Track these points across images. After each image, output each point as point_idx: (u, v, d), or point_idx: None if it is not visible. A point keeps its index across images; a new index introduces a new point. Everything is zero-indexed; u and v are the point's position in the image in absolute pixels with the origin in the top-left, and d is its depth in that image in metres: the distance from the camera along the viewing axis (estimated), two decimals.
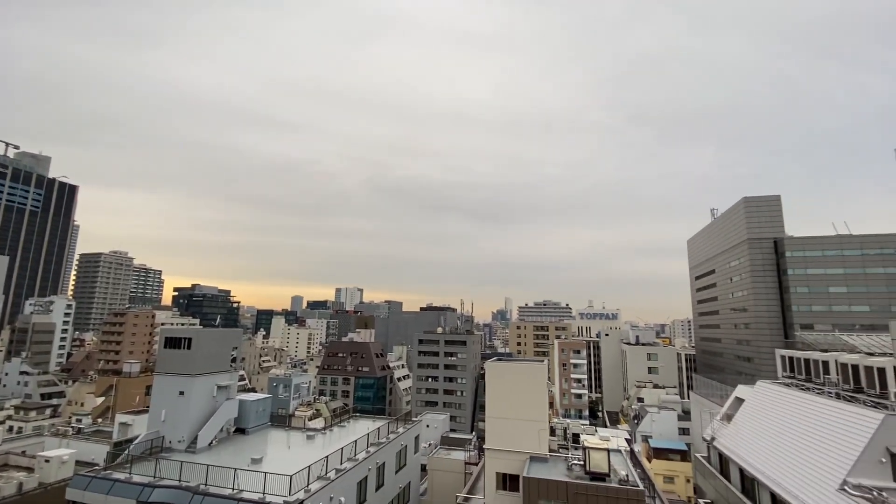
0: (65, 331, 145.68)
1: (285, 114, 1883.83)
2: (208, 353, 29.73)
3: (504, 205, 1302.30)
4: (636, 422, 70.14)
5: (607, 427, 78.21)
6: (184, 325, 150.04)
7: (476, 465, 36.99)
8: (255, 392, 55.96)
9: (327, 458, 23.73)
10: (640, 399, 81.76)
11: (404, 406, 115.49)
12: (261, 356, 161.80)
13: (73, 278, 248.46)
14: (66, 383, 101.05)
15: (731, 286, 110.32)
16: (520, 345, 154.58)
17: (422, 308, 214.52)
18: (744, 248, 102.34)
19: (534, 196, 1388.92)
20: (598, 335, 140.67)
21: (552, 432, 32.17)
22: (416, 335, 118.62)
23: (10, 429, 59.44)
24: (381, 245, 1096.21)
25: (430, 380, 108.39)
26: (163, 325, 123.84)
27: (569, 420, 68.34)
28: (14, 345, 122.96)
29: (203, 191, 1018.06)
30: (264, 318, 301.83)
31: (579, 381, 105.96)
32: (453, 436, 50.42)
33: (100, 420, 61.81)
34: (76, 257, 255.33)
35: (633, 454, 32.30)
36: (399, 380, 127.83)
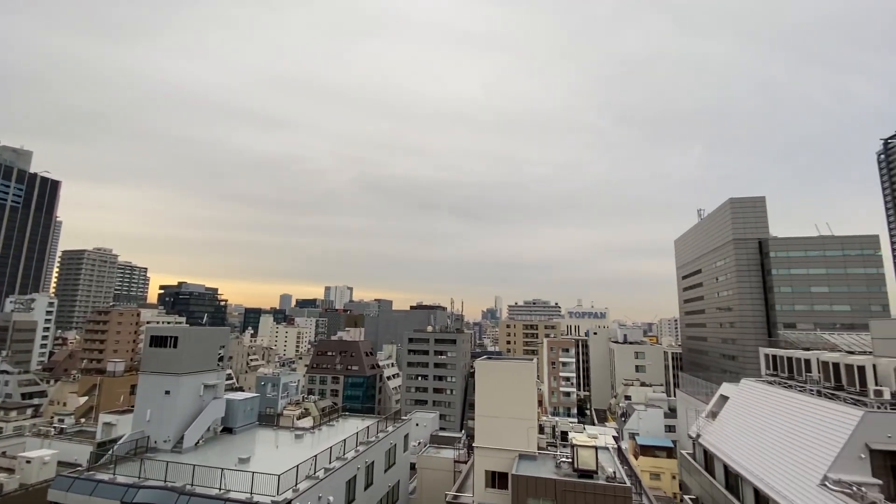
0: (46, 329, 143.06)
1: (274, 110, 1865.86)
2: (195, 352, 29.41)
3: (495, 204, 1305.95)
4: (623, 419, 70.95)
5: (595, 425, 78.83)
6: (170, 323, 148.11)
7: (465, 463, 37.06)
8: (243, 391, 55.39)
9: (316, 457, 23.60)
10: (628, 397, 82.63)
11: (394, 405, 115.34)
12: (249, 355, 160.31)
13: (55, 275, 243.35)
14: (48, 382, 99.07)
15: (717, 286, 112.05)
16: (509, 343, 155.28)
17: (412, 307, 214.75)
18: (729, 249, 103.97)
19: (524, 195, 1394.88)
20: (587, 334, 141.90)
21: (541, 430, 32.40)
22: (405, 334, 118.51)
23: None
24: (371, 243, 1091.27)
25: (419, 378, 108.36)
26: (148, 323, 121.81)
27: (557, 418, 68.62)
28: None
29: (190, 187, 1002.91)
30: (252, 316, 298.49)
31: (568, 379, 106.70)
32: (443, 434, 50.56)
33: (83, 420, 60.59)
34: (59, 254, 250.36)
35: (620, 451, 32.70)
36: (389, 378, 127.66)
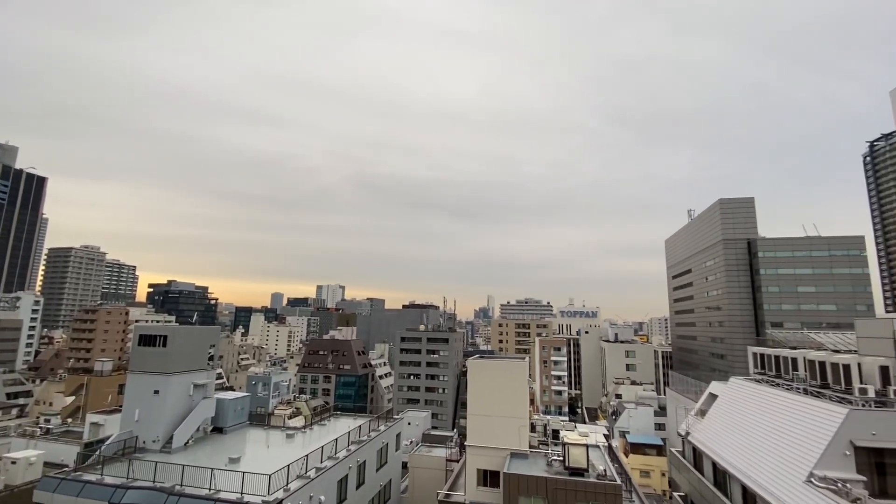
0: (32, 328, 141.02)
1: (267, 107, 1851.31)
2: (184, 351, 29.11)
3: (487, 203, 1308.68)
4: (614, 418, 71.57)
5: (586, 423, 79.70)
6: (159, 322, 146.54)
7: (457, 461, 37.13)
8: (234, 390, 54.96)
9: (307, 456, 23.49)
10: (619, 395, 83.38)
11: (386, 404, 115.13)
12: (239, 354, 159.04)
13: (41, 273, 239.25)
14: (34, 382, 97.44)
15: (707, 285, 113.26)
16: (502, 342, 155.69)
17: (404, 306, 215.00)
18: (719, 249, 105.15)
19: (517, 195, 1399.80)
20: (579, 333, 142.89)
21: (532, 429, 32.56)
22: (398, 333, 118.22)
23: None
24: (363, 242, 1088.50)
25: (411, 377, 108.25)
26: (137, 322, 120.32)
27: (549, 416, 69.07)
28: None
29: (180, 184, 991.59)
30: (243, 315, 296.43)
31: (559, 377, 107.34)
32: (435, 433, 50.52)
33: (69, 420, 59.65)
34: (45, 252, 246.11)
35: (610, 449, 33.00)
36: (381, 378, 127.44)
